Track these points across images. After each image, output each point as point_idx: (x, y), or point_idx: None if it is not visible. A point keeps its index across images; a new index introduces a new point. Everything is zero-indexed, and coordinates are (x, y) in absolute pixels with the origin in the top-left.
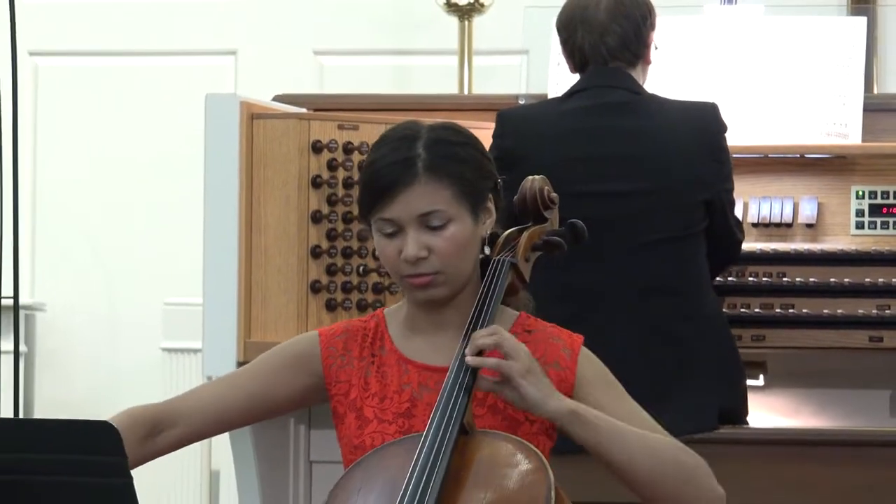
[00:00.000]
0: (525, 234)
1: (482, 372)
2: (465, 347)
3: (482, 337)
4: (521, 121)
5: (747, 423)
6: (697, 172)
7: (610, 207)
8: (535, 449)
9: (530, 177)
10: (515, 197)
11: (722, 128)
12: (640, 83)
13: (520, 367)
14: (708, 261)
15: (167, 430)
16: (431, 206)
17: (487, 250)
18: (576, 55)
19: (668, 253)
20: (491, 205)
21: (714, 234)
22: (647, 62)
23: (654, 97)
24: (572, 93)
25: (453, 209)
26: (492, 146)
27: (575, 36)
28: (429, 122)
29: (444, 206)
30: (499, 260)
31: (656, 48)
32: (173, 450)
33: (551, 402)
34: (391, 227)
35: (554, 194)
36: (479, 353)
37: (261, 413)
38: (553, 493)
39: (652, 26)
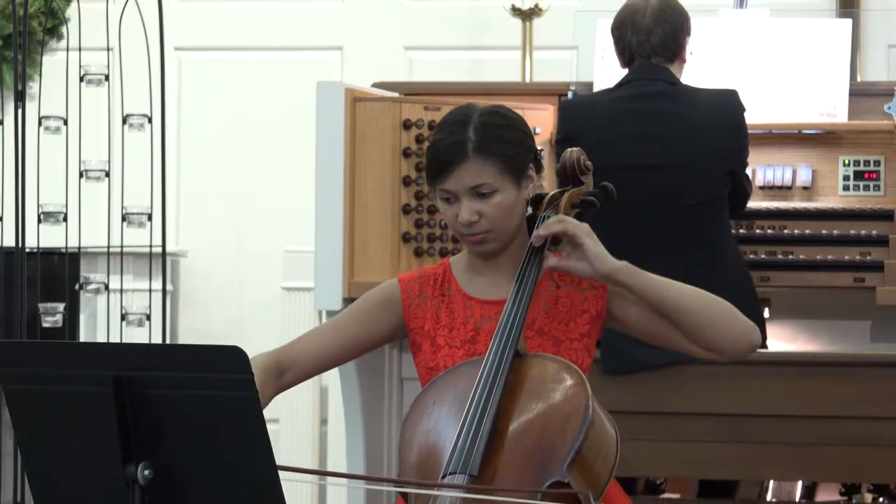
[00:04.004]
0: (565, 195)
1: (555, 255)
2: (517, 287)
3: (548, 226)
4: (580, 107)
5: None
6: (722, 148)
7: (651, 177)
8: (577, 367)
9: (569, 148)
10: (557, 165)
11: (741, 109)
12: (677, 77)
13: (584, 229)
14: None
15: (289, 370)
16: (480, 179)
17: (530, 210)
18: (625, 52)
19: (698, 214)
20: (532, 172)
21: (733, 194)
22: (683, 60)
23: (687, 87)
24: (621, 84)
25: (499, 181)
26: (557, 128)
27: (625, 36)
28: (480, 106)
29: (490, 180)
30: (545, 216)
31: (691, 53)
32: (295, 384)
33: (610, 259)
34: (448, 195)
35: (588, 162)
36: (545, 245)
37: (359, 349)
38: (591, 403)
39: (688, 32)
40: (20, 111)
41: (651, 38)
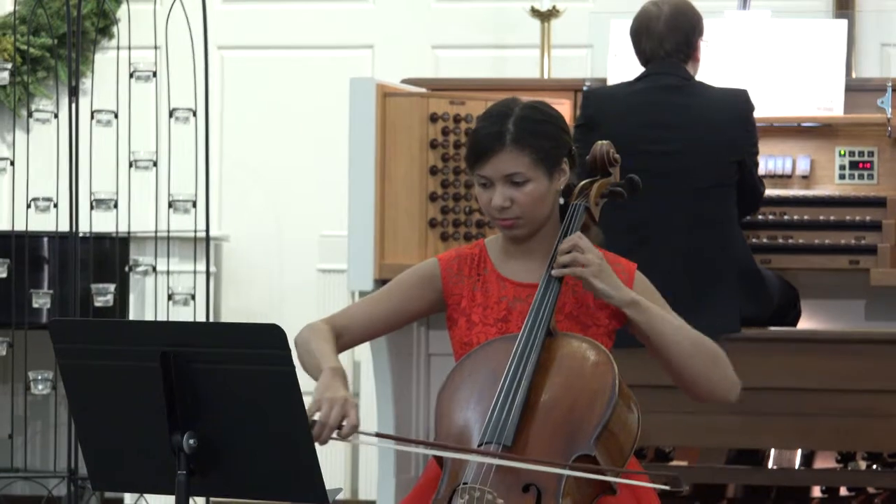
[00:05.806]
0: (595, 185)
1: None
2: (551, 268)
3: (563, 253)
4: (601, 97)
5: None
6: (731, 139)
7: (664, 163)
8: (604, 347)
9: (599, 141)
10: (588, 156)
11: (751, 107)
12: (692, 74)
13: (591, 270)
14: (737, 206)
15: (341, 337)
16: (514, 168)
17: (562, 200)
18: (643, 55)
19: (707, 198)
20: (566, 166)
21: (743, 186)
22: (697, 60)
23: (700, 83)
24: (640, 78)
25: (532, 172)
26: (579, 115)
27: (641, 42)
28: (522, 101)
29: (524, 169)
30: (576, 204)
31: (706, 43)
32: (344, 350)
33: (617, 293)
34: (484, 181)
35: (616, 155)
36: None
37: (399, 322)
38: (618, 381)
39: (700, 34)
40: (74, 106)
41: (664, 44)
